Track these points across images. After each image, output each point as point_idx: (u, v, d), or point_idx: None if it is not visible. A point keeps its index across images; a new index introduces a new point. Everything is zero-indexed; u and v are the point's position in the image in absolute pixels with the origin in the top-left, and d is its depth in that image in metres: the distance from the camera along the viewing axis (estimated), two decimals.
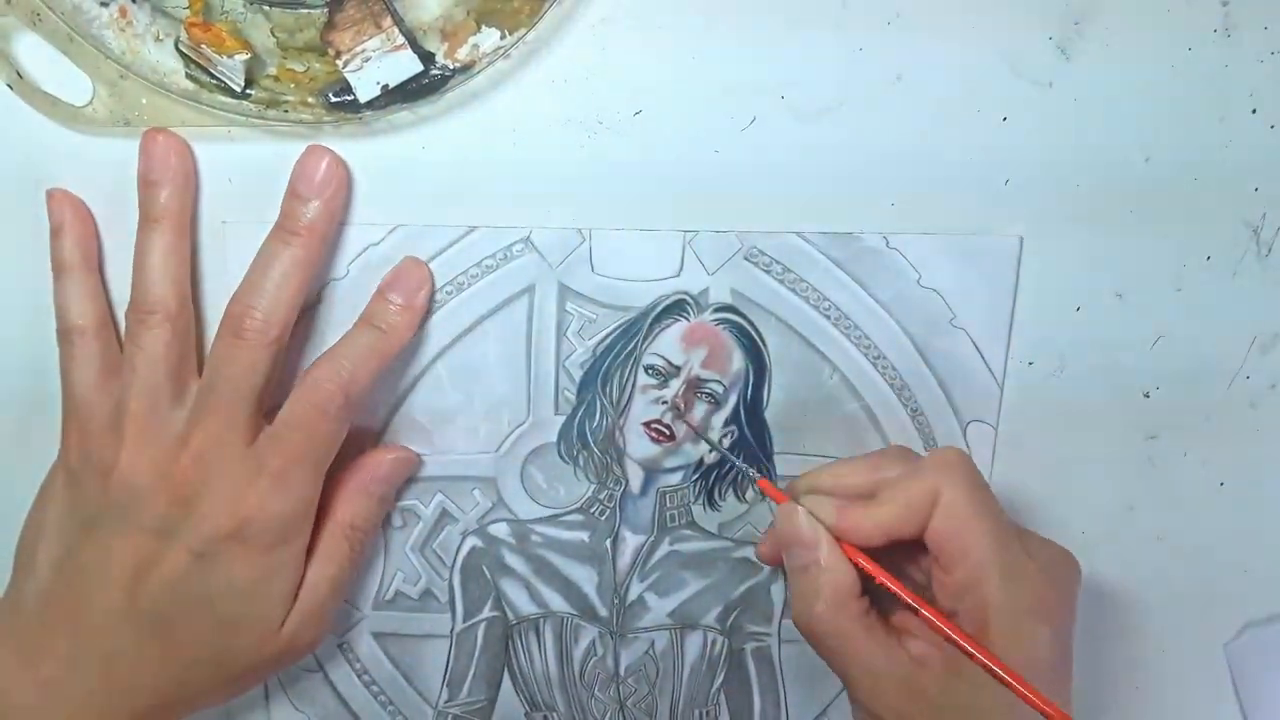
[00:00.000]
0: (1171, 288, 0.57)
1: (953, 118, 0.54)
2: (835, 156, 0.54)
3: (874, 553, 0.50)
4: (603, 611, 0.60)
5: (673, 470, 0.59)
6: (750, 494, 0.59)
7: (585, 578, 0.60)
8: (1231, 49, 0.54)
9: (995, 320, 0.57)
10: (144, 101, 0.51)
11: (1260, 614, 0.63)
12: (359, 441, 0.57)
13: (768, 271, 0.56)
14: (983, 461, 0.59)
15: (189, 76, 0.50)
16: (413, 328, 0.55)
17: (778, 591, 0.61)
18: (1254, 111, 0.55)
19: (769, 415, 0.58)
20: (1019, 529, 0.51)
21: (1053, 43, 0.53)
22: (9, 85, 0.51)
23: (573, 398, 0.57)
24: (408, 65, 0.49)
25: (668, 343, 0.57)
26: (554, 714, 0.62)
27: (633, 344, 0.57)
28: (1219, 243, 0.57)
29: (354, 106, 0.50)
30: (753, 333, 0.57)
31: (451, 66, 0.50)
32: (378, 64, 0.49)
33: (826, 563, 0.50)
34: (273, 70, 0.50)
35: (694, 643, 0.61)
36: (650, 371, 0.57)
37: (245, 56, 0.49)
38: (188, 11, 0.50)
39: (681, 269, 0.56)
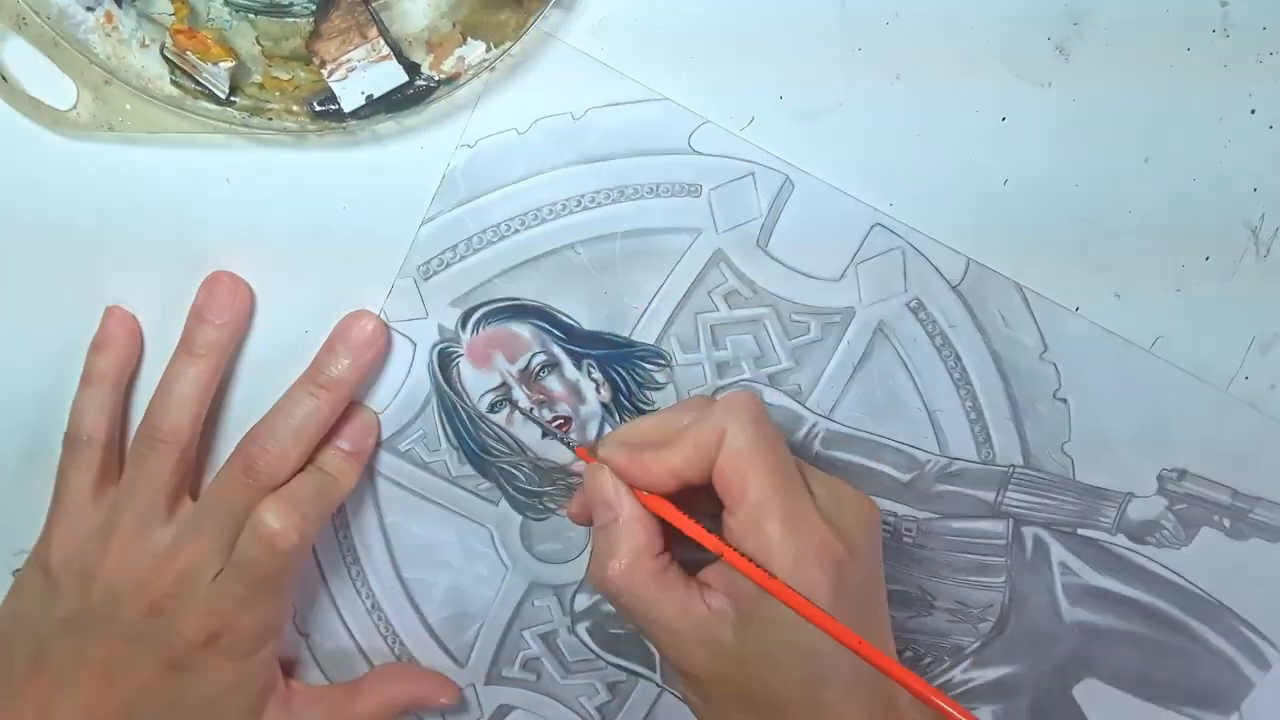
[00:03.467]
0: (1170, 288, 0.57)
1: (952, 118, 0.54)
2: (834, 156, 0.54)
3: (687, 505, 0.50)
4: None
5: (605, 430, 0.58)
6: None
7: None
8: (1230, 49, 0.53)
9: None
10: (128, 107, 0.50)
11: None
12: None
13: (449, 266, 0.55)
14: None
15: (174, 83, 0.50)
16: (359, 472, 0.56)
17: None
18: (1253, 112, 0.54)
19: (588, 326, 0.57)
20: (814, 474, 0.51)
21: (1051, 43, 0.53)
22: None
23: (491, 490, 0.58)
24: (393, 75, 0.49)
25: (472, 381, 0.57)
26: None
27: (461, 414, 0.57)
28: (1218, 243, 0.56)
29: (338, 116, 0.50)
30: (500, 305, 0.56)
31: (437, 78, 0.50)
32: (363, 74, 0.49)
33: (624, 519, 0.50)
34: (258, 78, 0.50)
35: None
36: (495, 409, 0.57)
37: (230, 64, 0.49)
38: (173, 18, 0.49)
39: (415, 349, 0.56)
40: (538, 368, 0.57)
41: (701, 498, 0.50)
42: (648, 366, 0.57)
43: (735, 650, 0.48)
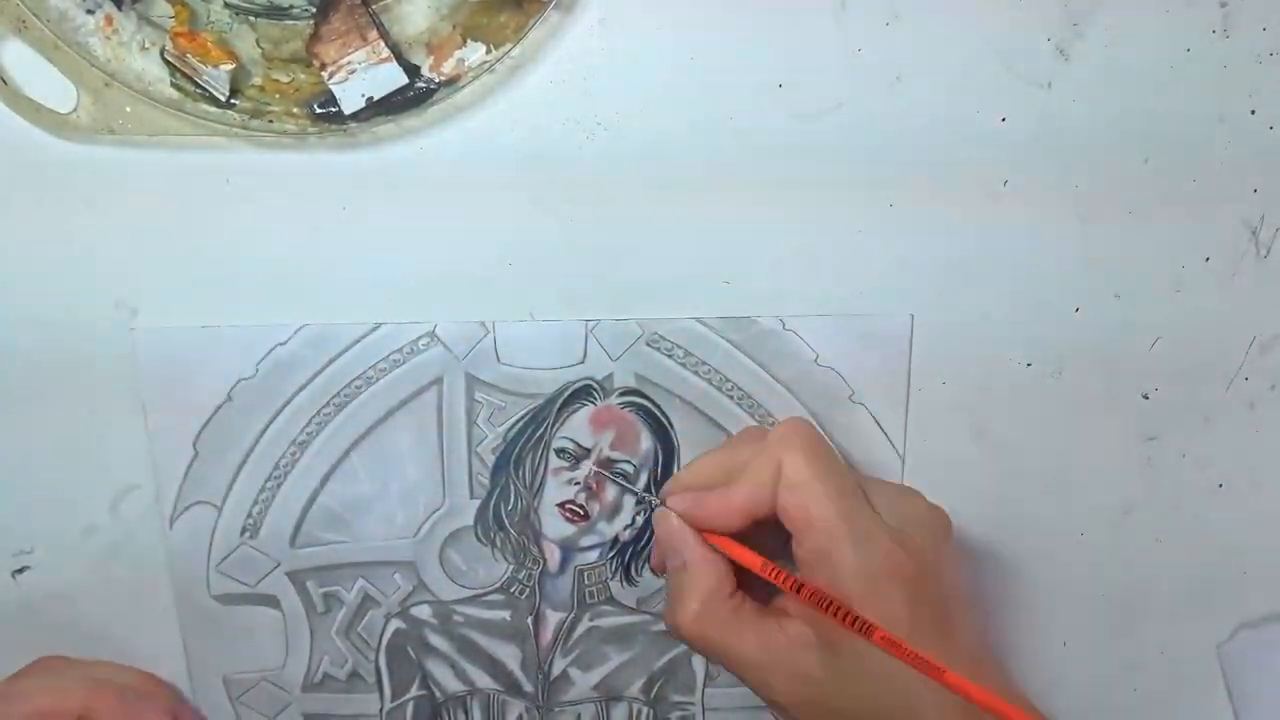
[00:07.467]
0: (1170, 289, 0.57)
1: (951, 119, 0.54)
2: (834, 157, 0.54)
3: (753, 540, 0.50)
4: (528, 687, 0.61)
5: (589, 549, 0.59)
6: None
7: (509, 655, 0.61)
8: (1230, 49, 0.53)
9: (893, 396, 0.58)
10: (128, 110, 0.50)
11: (1255, 615, 0.62)
12: None
13: (669, 356, 0.57)
14: None
15: (174, 85, 0.50)
16: None
17: (699, 662, 0.61)
18: (1253, 112, 0.54)
19: None
20: (879, 489, 0.52)
21: (1051, 44, 0.53)
22: None
23: (487, 482, 0.58)
24: (393, 78, 0.49)
25: (576, 426, 0.58)
26: None
27: (542, 429, 0.58)
28: (1218, 244, 0.56)
29: (339, 118, 0.50)
30: (659, 414, 0.58)
31: (437, 80, 0.50)
32: (363, 76, 0.49)
33: (694, 562, 0.50)
34: (258, 80, 0.50)
35: (619, 715, 0.62)
36: (561, 454, 0.58)
37: (230, 66, 0.49)
38: (173, 20, 0.49)
39: (585, 357, 0.56)
40: (619, 470, 0.58)
41: (769, 531, 0.50)
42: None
43: (824, 677, 0.48)
